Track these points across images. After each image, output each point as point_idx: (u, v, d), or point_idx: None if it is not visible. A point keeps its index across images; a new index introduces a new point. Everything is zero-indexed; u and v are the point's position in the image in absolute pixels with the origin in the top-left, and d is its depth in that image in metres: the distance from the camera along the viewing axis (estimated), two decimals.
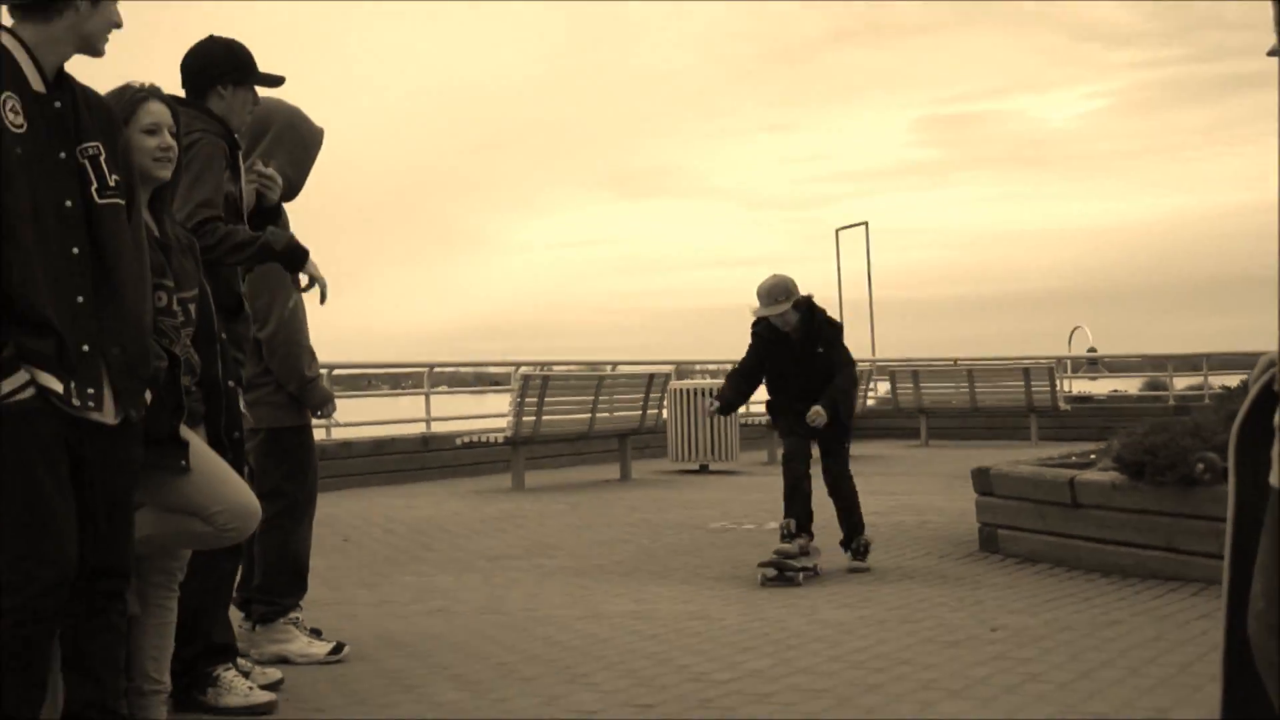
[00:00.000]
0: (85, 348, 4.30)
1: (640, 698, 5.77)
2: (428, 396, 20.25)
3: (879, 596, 8.25)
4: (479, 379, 26.32)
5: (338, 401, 7.32)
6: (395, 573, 9.48)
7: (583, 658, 6.56)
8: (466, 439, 17.72)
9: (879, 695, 5.69)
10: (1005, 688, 5.77)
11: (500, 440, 16.49)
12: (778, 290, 9.48)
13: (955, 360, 24.42)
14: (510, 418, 16.18)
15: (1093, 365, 25.50)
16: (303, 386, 6.64)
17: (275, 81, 6.26)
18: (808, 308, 9.68)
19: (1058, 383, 22.99)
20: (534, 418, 16.11)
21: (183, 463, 4.89)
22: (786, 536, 9.10)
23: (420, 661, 6.58)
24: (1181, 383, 28.10)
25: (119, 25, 4.56)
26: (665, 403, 18.32)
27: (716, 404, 10.20)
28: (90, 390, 4.32)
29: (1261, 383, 3.49)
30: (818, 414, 9.31)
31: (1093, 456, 10.35)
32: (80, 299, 4.30)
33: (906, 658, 6.42)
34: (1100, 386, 24.68)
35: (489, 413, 22.28)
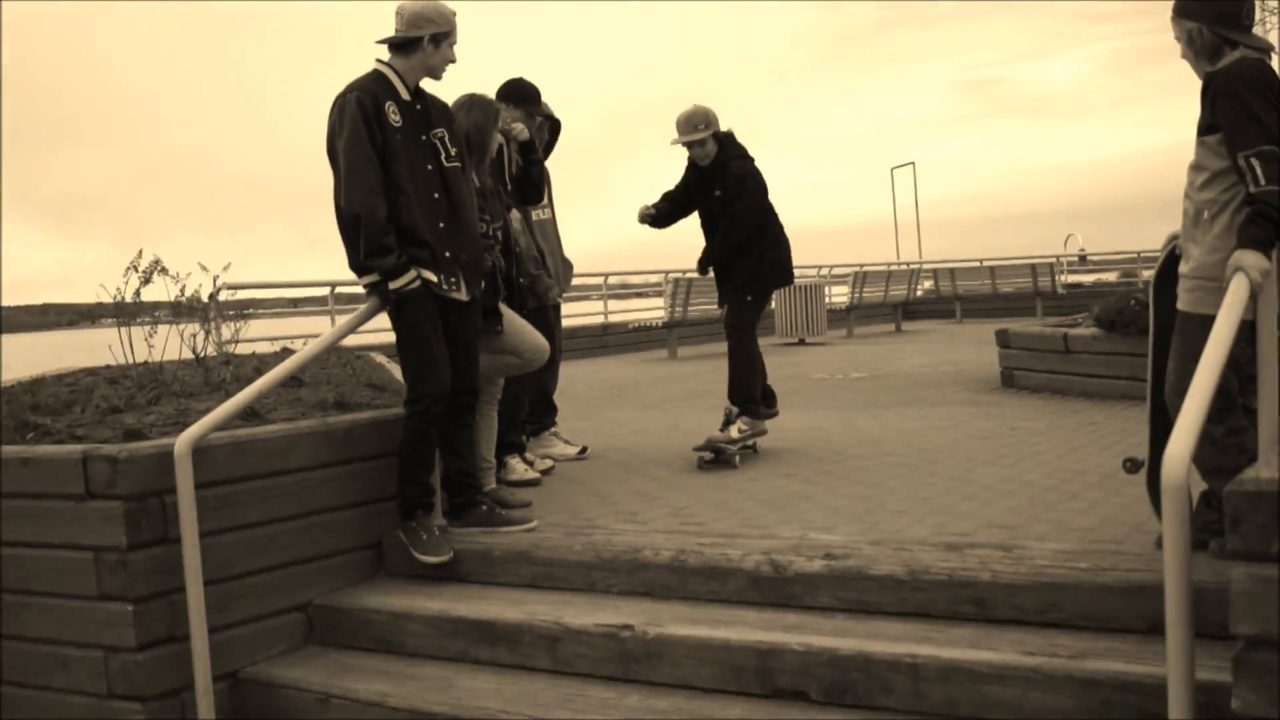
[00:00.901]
0: (446, 254, 5.28)
1: (785, 469, 6.75)
2: (605, 299, 21.15)
3: (934, 414, 8.97)
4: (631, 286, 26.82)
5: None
6: (601, 411, 10.13)
7: (774, 454, 7.31)
8: (635, 324, 18.81)
9: (938, 463, 6.65)
10: (1018, 458, 6.69)
11: (659, 324, 17.33)
12: (696, 118, 6.97)
13: (981, 260, 24.86)
14: (665, 309, 17.02)
15: (1082, 261, 25.82)
16: (531, 281, 6.87)
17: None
18: (725, 140, 7.10)
19: (1056, 275, 23.46)
20: (682, 309, 16.92)
21: (499, 326, 5.92)
22: (723, 425, 6.96)
23: (634, 457, 7.43)
24: (1147, 273, 28.44)
25: (454, 61, 5.49)
26: (774, 295, 18.96)
27: (652, 212, 7.49)
28: (452, 279, 5.30)
29: (1166, 250, 4.46)
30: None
31: (1079, 320, 11.02)
32: (441, 225, 5.29)
33: (955, 445, 7.32)
34: (1087, 277, 25.07)
35: (645, 308, 23.15)
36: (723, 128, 7.07)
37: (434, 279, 5.17)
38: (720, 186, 7.06)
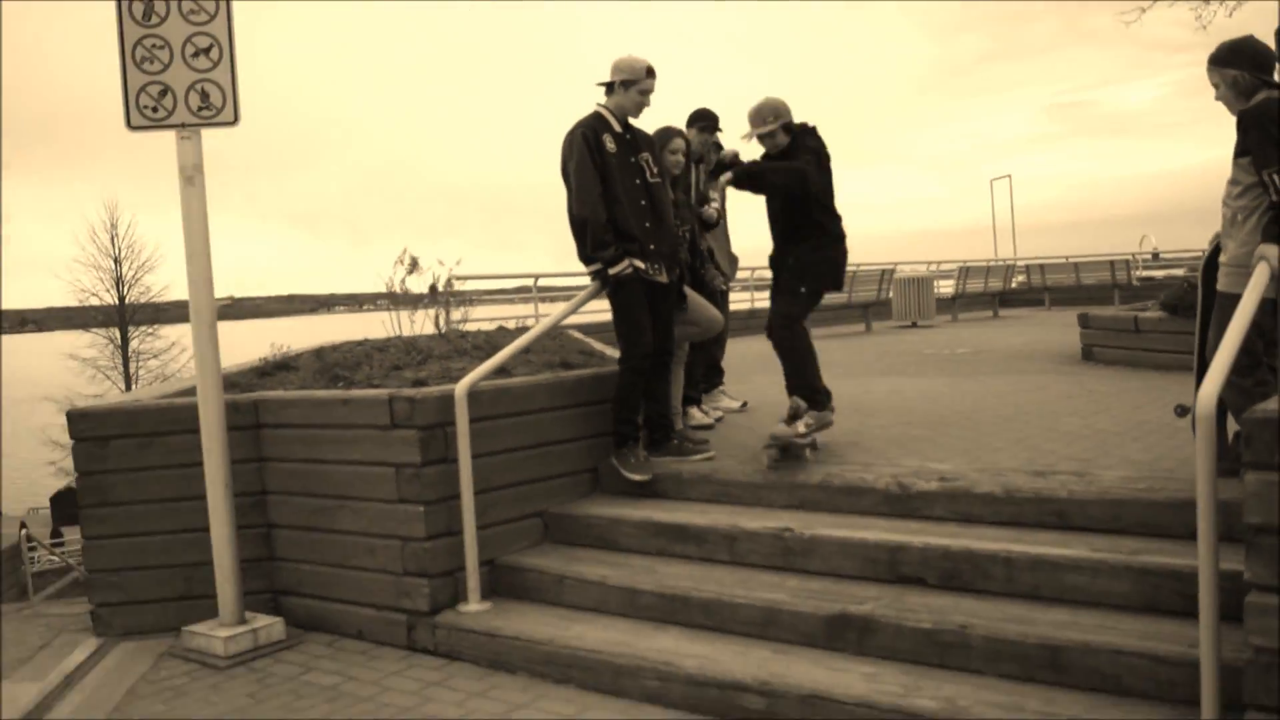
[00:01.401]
0: (651, 247, 5.84)
1: (905, 419, 7.17)
2: (752, 288, 20.82)
3: (1026, 380, 9.21)
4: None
5: None
6: (755, 376, 9.85)
7: (898, 407, 7.82)
8: None
9: (1028, 415, 7.03)
10: (1093, 412, 7.04)
11: None
12: (765, 110, 5.98)
13: (1067, 257, 24.67)
14: None
15: (1155, 259, 25.44)
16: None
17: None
18: (800, 131, 6.03)
19: (1131, 270, 23.22)
20: None
21: (684, 303, 6.43)
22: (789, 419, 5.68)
23: (784, 408, 7.90)
24: None
25: (645, 104, 5.98)
26: (891, 286, 19.10)
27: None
28: (655, 266, 5.84)
29: (1211, 246, 4.88)
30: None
31: (1148, 305, 11.18)
32: (646, 225, 5.83)
33: (1042, 402, 7.67)
34: (1159, 272, 24.74)
35: None
36: (804, 121, 6.07)
37: (642, 266, 5.76)
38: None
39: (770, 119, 5.92)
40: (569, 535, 5.62)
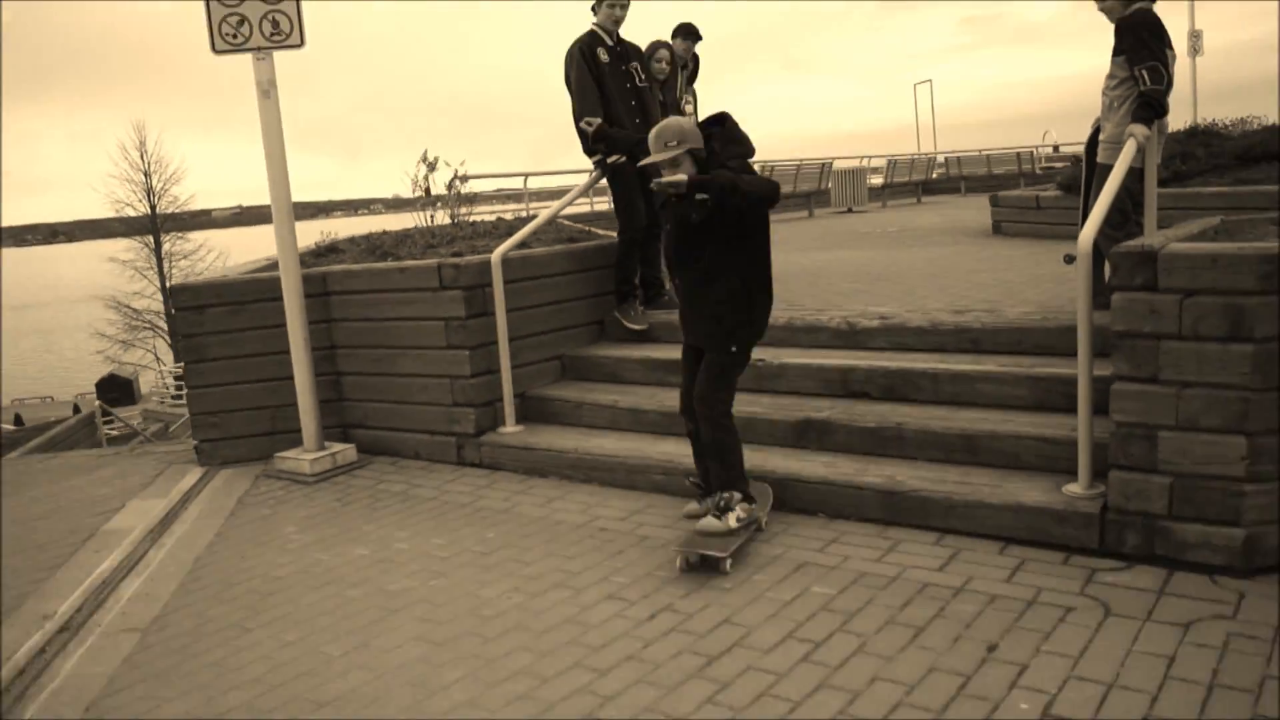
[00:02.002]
0: (638, 140, 6.26)
1: (850, 281, 7.66)
2: None
3: (946, 249, 9.62)
4: None
5: None
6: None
7: (841, 271, 8.28)
8: None
9: (949, 272, 7.52)
10: (1001, 269, 7.54)
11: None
12: (668, 133, 4.15)
13: (980, 150, 25.05)
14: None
15: (1056, 151, 25.86)
16: None
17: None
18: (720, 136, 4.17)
19: (1035, 161, 23.67)
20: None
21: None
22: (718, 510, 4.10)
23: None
24: None
25: (620, 17, 6.05)
26: (830, 177, 19.46)
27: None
28: (644, 155, 6.26)
29: (1093, 128, 5.34)
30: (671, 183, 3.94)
31: (1047, 187, 11.66)
32: (636, 121, 6.14)
33: (960, 264, 8.16)
34: (1059, 164, 25.11)
35: None
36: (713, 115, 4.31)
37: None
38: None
39: (674, 142, 4.08)
40: (583, 372, 6.13)
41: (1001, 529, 4.11)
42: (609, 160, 5.99)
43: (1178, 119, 7.97)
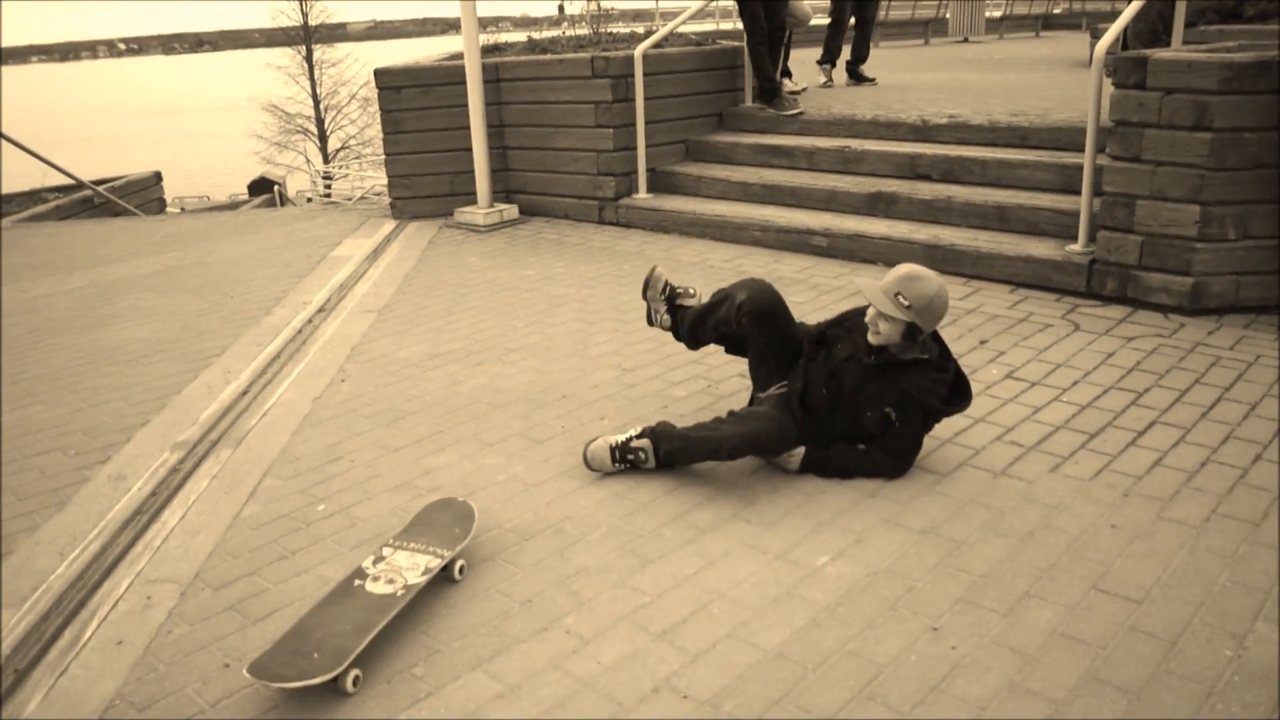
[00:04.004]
0: None
1: (935, 90, 8.55)
2: None
3: (1035, 73, 9.95)
4: None
5: None
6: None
7: (933, 85, 9.10)
8: None
9: (1022, 90, 8.27)
10: (1072, 88, 8.38)
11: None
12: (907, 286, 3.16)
13: None
14: None
15: None
16: None
17: None
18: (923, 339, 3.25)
19: None
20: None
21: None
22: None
23: (848, 90, 9.34)
24: None
25: None
26: (947, 7, 19.50)
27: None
28: None
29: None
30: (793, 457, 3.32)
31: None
32: None
33: (1037, 84, 8.80)
34: None
35: None
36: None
37: None
38: (894, 405, 3.30)
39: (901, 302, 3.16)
40: (702, 155, 7.34)
41: (1013, 275, 5.29)
42: None
43: None
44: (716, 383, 4.16)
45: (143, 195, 12.24)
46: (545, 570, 2.93)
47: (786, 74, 8.12)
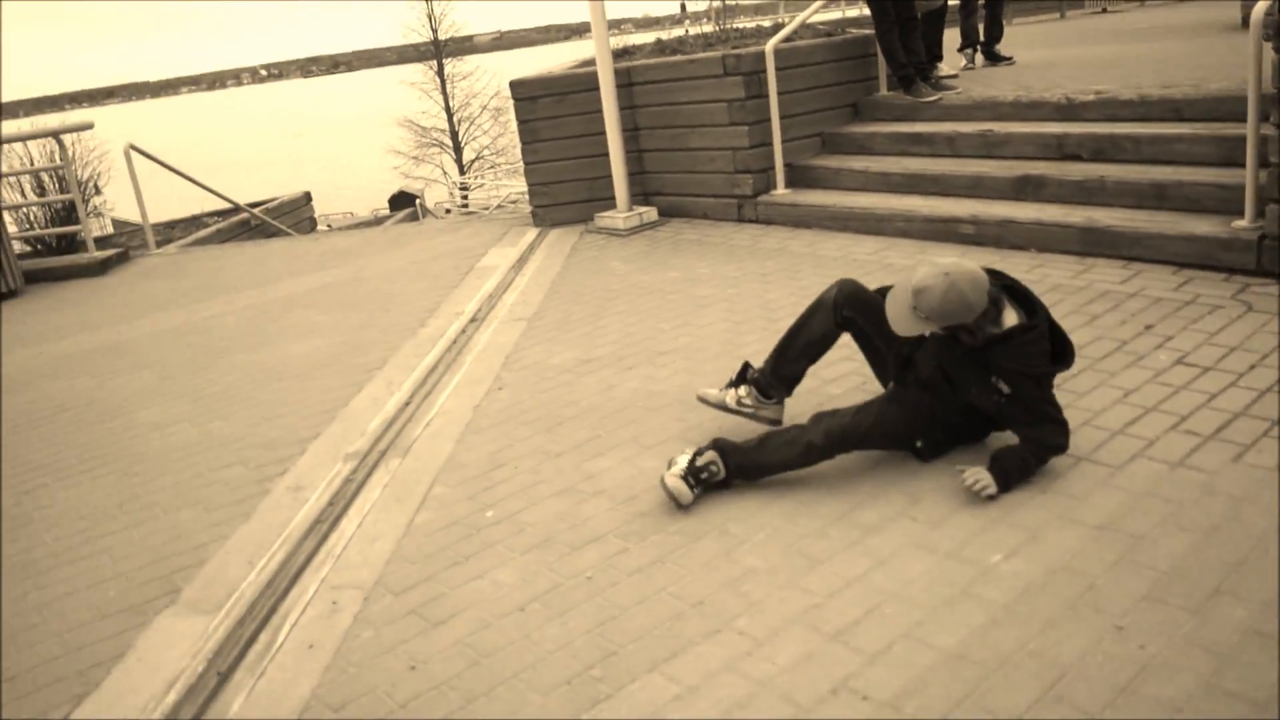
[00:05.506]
0: None
1: (1084, 63, 8.23)
2: None
3: (1182, 41, 9.54)
4: None
5: None
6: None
7: (1074, 60, 8.79)
8: None
9: (1173, 60, 7.90)
10: (1226, 54, 7.99)
11: None
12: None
13: None
14: None
15: None
16: None
17: None
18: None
19: None
20: None
21: None
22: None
23: (996, 72, 9.09)
24: None
25: None
26: None
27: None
28: None
29: None
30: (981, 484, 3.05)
31: None
32: None
33: (1186, 52, 8.43)
34: None
35: None
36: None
37: None
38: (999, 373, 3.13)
39: (923, 314, 3.09)
40: (839, 147, 7.25)
41: (1176, 255, 5.06)
42: None
43: None
44: (870, 378, 4.10)
45: (295, 215, 12.77)
46: (713, 572, 2.94)
47: (938, 58, 7.63)
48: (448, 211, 29.70)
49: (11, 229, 9.41)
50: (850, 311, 3.42)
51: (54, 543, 3.74)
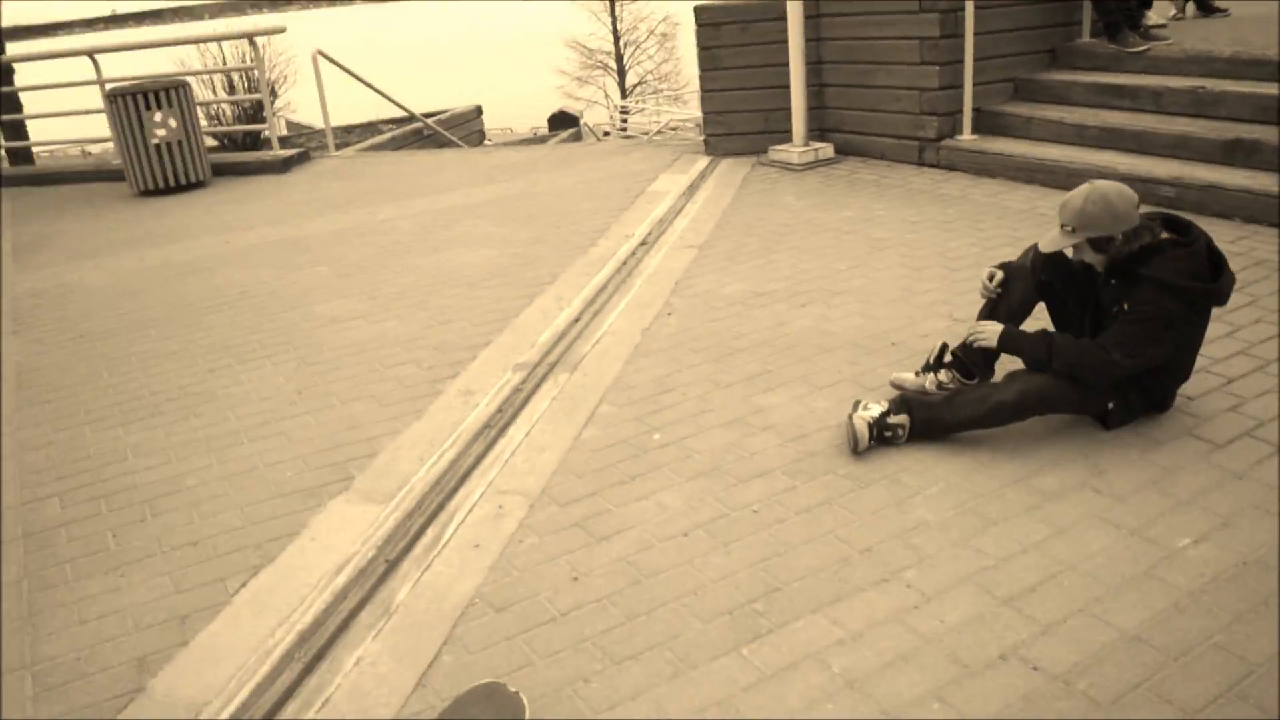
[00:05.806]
0: None
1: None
2: None
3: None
4: None
5: None
6: None
7: None
8: None
9: None
10: None
11: None
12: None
13: None
14: None
15: None
16: None
17: None
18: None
19: None
20: None
21: None
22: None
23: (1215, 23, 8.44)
24: None
25: None
26: None
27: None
28: None
29: None
30: (981, 334, 3.21)
31: None
32: None
33: None
34: None
35: None
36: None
37: None
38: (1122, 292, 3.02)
39: (1069, 226, 3.02)
40: (1032, 94, 6.90)
41: None
42: None
43: None
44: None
45: (465, 128, 12.97)
46: (883, 520, 2.88)
47: (1147, 5, 7.07)
48: (606, 134, 29.67)
49: (202, 124, 9.81)
50: (1048, 275, 3.26)
51: (236, 420, 3.92)
